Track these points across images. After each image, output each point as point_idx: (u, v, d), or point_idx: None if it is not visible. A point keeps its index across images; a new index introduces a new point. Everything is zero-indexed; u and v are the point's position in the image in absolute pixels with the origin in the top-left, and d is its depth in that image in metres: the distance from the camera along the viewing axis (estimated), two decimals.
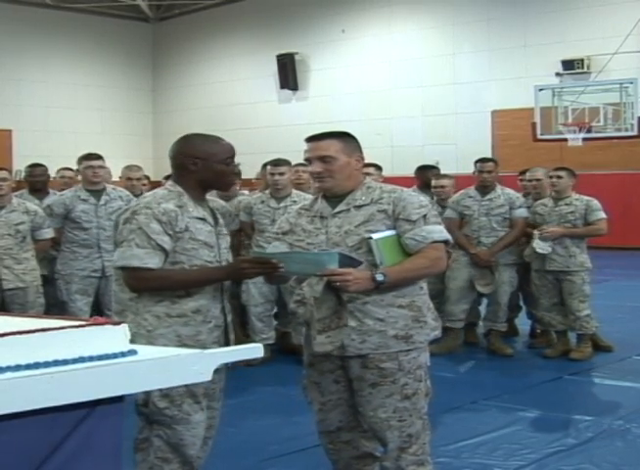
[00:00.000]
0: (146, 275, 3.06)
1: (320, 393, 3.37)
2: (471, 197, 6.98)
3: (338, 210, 3.25)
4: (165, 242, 3.06)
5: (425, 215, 3.17)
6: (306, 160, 3.34)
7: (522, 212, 6.94)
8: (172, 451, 3.11)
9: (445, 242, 3.24)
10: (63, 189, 7.30)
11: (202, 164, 3.18)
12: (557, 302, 6.88)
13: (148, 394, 3.10)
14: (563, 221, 6.79)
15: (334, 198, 3.28)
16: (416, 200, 3.22)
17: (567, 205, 6.84)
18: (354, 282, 3.04)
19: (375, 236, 3.14)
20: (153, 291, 3.11)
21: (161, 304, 3.10)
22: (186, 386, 3.05)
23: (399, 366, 3.16)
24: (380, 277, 3.07)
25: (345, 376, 3.29)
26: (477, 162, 7.19)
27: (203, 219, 3.19)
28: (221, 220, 3.36)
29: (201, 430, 3.16)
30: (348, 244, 3.18)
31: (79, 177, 8.61)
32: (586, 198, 6.90)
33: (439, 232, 3.19)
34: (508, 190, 7.08)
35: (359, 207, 3.22)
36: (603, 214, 6.82)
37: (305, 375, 3.44)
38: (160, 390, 3.05)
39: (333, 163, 3.22)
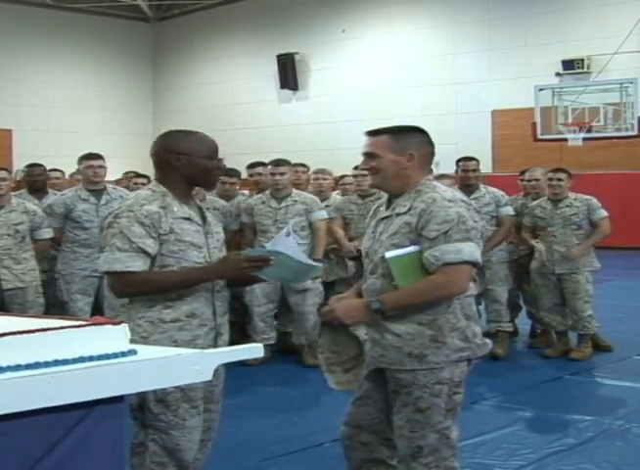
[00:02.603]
0: (130, 279, 2.98)
1: (361, 386, 3.34)
2: None
3: (385, 215, 3.16)
4: (148, 245, 2.98)
5: (446, 232, 2.94)
6: (362, 155, 3.23)
7: (508, 210, 6.93)
8: (168, 456, 3.08)
9: (470, 263, 2.99)
10: (59, 190, 7.29)
11: (186, 160, 3.10)
12: (558, 302, 6.88)
13: (142, 398, 3.07)
14: (568, 224, 6.78)
15: (393, 199, 3.17)
16: (442, 213, 2.95)
17: (567, 206, 6.83)
18: (347, 315, 3.02)
19: (388, 254, 3.02)
20: (139, 295, 3.04)
21: (154, 309, 3.03)
22: (183, 390, 3.03)
23: (414, 379, 3.07)
24: (375, 305, 3.00)
25: (378, 379, 3.25)
26: (458, 161, 7.09)
27: (188, 219, 3.10)
28: (210, 219, 3.26)
29: (197, 435, 3.12)
30: (378, 254, 3.09)
31: (68, 177, 8.66)
32: (585, 197, 6.90)
33: (456, 253, 2.93)
34: (492, 188, 7.06)
35: (398, 214, 3.07)
36: (605, 212, 6.84)
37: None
38: (156, 394, 3.02)
39: (376, 160, 3.11)
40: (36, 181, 7.21)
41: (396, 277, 3.01)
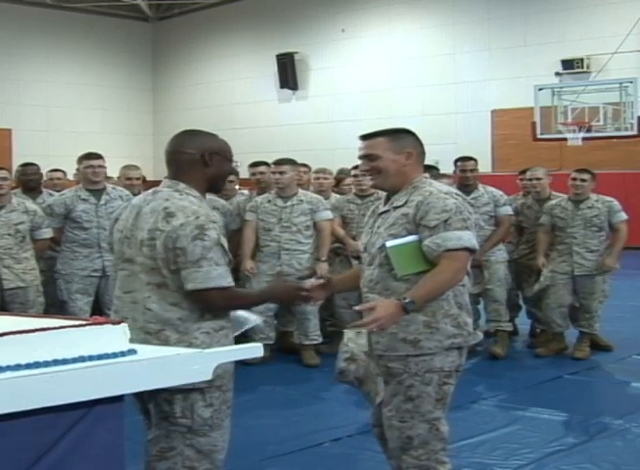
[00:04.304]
0: (230, 294, 2.98)
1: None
2: None
3: (383, 209, 3.26)
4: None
5: (446, 221, 3.06)
6: (359, 158, 3.34)
7: (506, 210, 6.92)
8: (200, 459, 3.08)
9: (468, 250, 3.10)
10: (59, 190, 7.28)
11: (217, 160, 3.08)
12: (563, 303, 6.85)
13: (190, 404, 3.03)
14: (589, 225, 6.74)
15: (392, 196, 3.28)
16: (440, 204, 3.09)
17: (589, 207, 6.78)
18: (390, 321, 3.02)
19: (388, 244, 3.12)
20: (229, 310, 3.05)
21: (206, 319, 2.99)
22: (224, 392, 3.06)
23: (406, 367, 3.14)
24: (410, 306, 3.02)
25: None
26: (457, 161, 7.08)
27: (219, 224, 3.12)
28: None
29: (229, 435, 3.16)
30: (376, 246, 3.20)
31: (71, 178, 8.63)
32: (606, 198, 6.86)
33: (457, 240, 3.05)
34: (490, 188, 7.03)
35: (396, 208, 3.20)
36: (624, 215, 6.83)
37: None
38: (205, 400, 3.02)
39: (378, 161, 3.22)
40: (30, 180, 7.17)
41: (395, 266, 3.12)
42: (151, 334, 2.94)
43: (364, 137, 3.31)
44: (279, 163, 6.68)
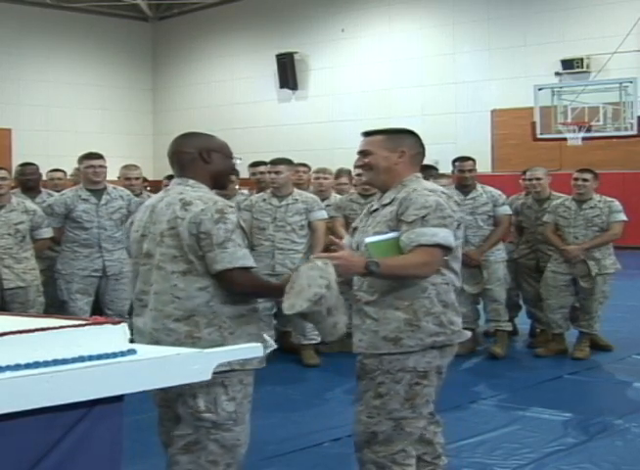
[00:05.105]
0: (252, 276, 3.09)
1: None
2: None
3: (374, 208, 3.32)
4: None
5: (424, 217, 3.08)
6: (356, 154, 3.41)
7: (505, 210, 6.91)
8: (223, 454, 3.12)
9: (442, 247, 3.08)
10: (60, 190, 7.28)
11: (216, 157, 3.21)
12: (564, 304, 6.84)
13: (213, 399, 3.08)
14: (590, 225, 6.73)
15: (384, 194, 3.33)
16: (421, 200, 3.11)
17: (591, 208, 6.76)
18: (348, 271, 3.04)
19: (368, 239, 3.15)
20: (249, 294, 3.12)
21: (228, 305, 3.08)
22: (246, 387, 3.11)
23: (379, 365, 3.17)
24: (373, 267, 3.01)
25: None
26: (455, 161, 7.06)
27: None
28: None
29: (249, 429, 3.20)
30: (363, 244, 3.24)
31: (69, 177, 8.63)
32: (608, 199, 6.83)
33: (431, 236, 3.05)
34: (489, 188, 7.01)
35: (384, 206, 3.25)
36: (621, 217, 6.77)
37: None
38: (227, 394, 3.07)
39: (370, 156, 3.28)
40: (29, 180, 7.16)
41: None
42: (180, 321, 3.04)
43: (365, 134, 3.38)
44: (275, 162, 6.69)
